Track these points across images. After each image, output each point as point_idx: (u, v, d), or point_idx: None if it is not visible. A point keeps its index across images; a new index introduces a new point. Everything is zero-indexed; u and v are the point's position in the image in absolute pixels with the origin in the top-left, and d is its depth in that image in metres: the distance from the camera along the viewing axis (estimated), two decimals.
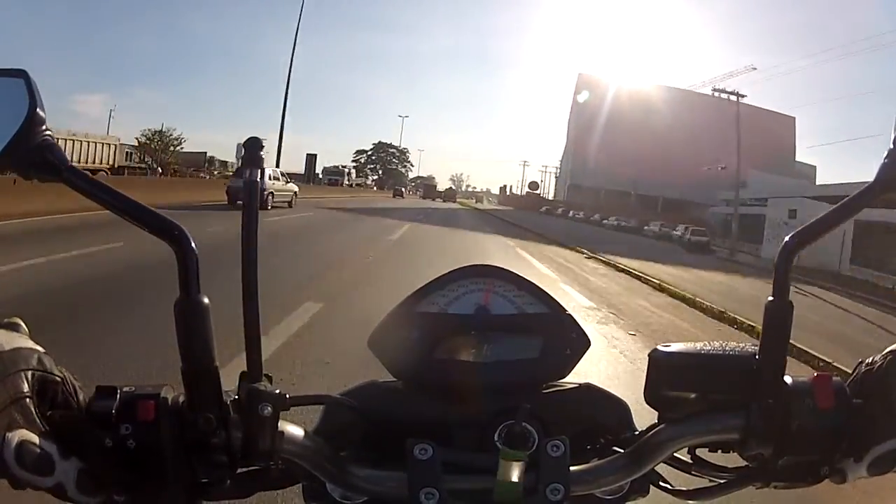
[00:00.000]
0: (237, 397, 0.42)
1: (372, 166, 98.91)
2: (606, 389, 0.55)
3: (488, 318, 0.55)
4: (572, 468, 0.47)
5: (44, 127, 0.41)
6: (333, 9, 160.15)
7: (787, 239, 0.46)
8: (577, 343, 0.55)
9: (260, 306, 0.41)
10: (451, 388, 0.52)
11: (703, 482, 0.51)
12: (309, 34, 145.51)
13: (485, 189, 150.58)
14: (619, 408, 0.54)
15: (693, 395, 0.48)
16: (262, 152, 0.42)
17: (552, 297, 0.56)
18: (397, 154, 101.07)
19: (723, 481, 0.50)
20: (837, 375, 0.46)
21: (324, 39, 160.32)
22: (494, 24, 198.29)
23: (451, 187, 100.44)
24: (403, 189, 78.58)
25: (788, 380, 0.45)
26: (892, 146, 0.44)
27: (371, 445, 0.51)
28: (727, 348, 0.48)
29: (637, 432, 0.52)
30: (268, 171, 18.04)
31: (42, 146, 0.40)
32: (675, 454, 0.49)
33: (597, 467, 0.49)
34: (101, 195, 0.41)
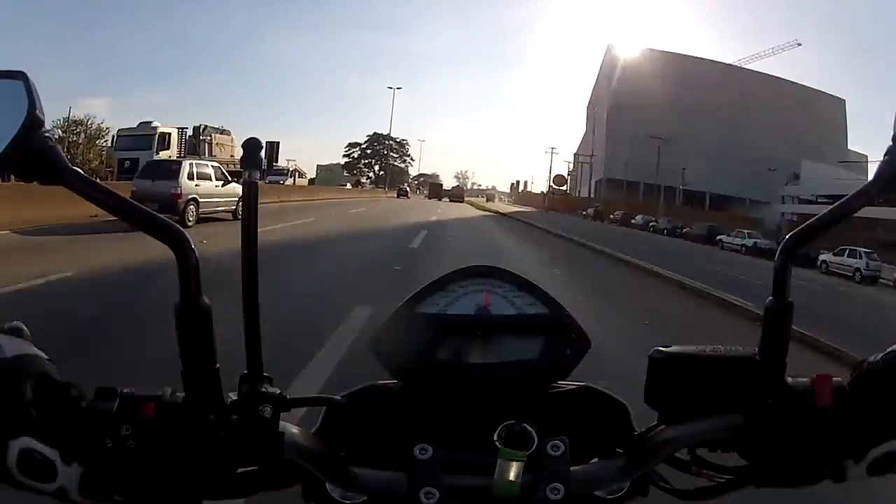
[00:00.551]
0: (237, 398, 0.43)
1: (367, 161, 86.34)
2: (606, 390, 0.55)
3: (489, 318, 0.54)
4: (572, 468, 0.47)
5: (43, 129, 0.40)
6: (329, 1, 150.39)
7: (786, 238, 0.46)
8: (578, 344, 0.54)
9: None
10: (451, 389, 0.52)
11: (703, 482, 0.51)
12: (308, 32, 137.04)
13: (491, 186, 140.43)
14: (619, 408, 0.54)
15: (693, 396, 0.48)
16: (261, 153, 0.41)
17: (553, 297, 0.55)
18: (395, 146, 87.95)
19: (723, 481, 0.50)
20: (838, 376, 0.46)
21: (320, 35, 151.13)
22: None
23: (458, 185, 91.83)
24: (408, 188, 69.60)
25: (788, 380, 0.46)
26: (891, 144, 0.44)
27: (371, 446, 0.51)
28: (727, 349, 0.49)
29: (637, 432, 0.52)
30: (185, 167, 12.53)
31: (41, 148, 0.40)
32: (675, 454, 0.50)
33: (597, 467, 0.49)
34: (102, 198, 0.41)
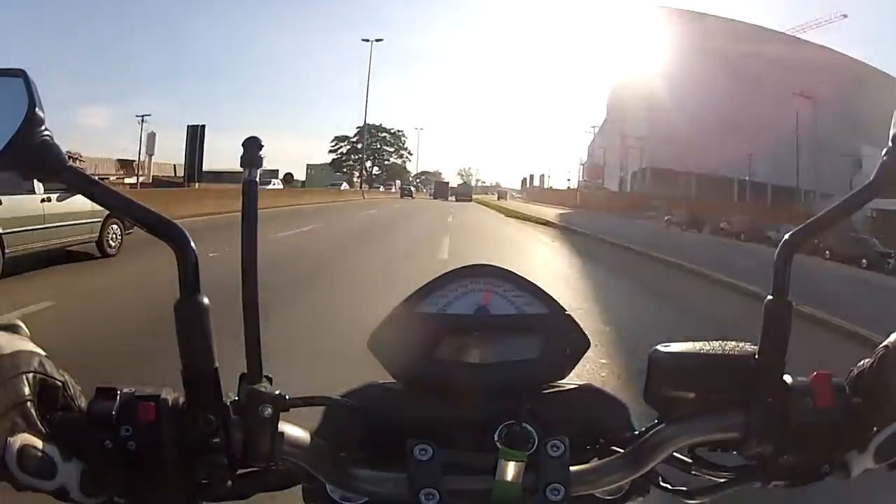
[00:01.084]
0: (237, 398, 0.43)
1: (357, 156, 70.59)
2: (606, 390, 0.55)
3: (488, 318, 0.54)
4: (572, 468, 0.47)
5: (43, 126, 0.41)
6: None
7: (785, 237, 0.46)
8: (577, 343, 0.54)
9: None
10: (450, 389, 0.51)
11: (703, 482, 0.51)
12: (306, 30, 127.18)
13: (495, 183, 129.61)
14: (618, 408, 0.54)
15: (693, 395, 0.48)
16: (260, 152, 0.41)
17: (552, 297, 0.55)
18: (389, 139, 75.78)
19: (723, 480, 0.50)
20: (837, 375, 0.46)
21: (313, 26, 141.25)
22: None
23: (464, 183, 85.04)
24: (413, 188, 62.87)
25: (788, 379, 0.46)
26: (890, 144, 0.44)
27: (371, 446, 0.51)
28: (727, 348, 0.49)
29: (637, 432, 0.52)
30: None
31: (41, 145, 0.40)
32: (675, 454, 0.49)
33: (597, 467, 0.49)
34: (101, 195, 0.41)
